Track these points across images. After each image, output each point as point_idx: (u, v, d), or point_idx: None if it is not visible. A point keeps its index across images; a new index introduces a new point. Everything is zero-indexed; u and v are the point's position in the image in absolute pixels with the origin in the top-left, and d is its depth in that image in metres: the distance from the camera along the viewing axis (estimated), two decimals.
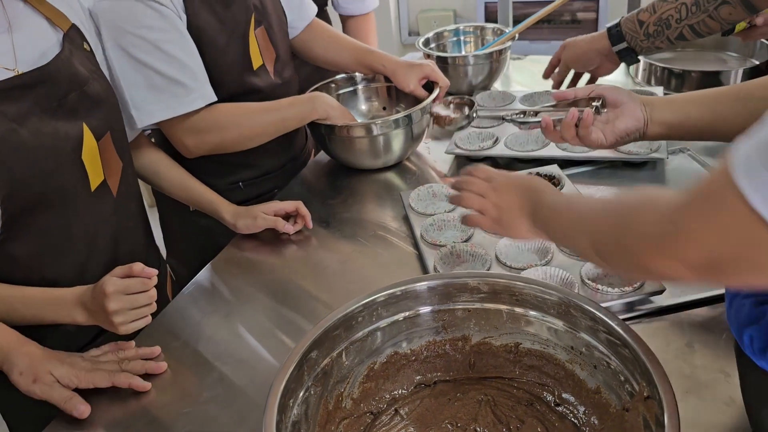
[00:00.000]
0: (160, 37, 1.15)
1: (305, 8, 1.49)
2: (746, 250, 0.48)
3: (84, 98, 0.98)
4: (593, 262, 0.83)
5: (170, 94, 1.17)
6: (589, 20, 2.99)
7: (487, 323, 0.79)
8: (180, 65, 1.17)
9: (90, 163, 0.99)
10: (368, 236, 1.21)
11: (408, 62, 1.47)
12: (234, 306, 1.08)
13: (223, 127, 1.26)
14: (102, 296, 0.88)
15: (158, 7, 1.14)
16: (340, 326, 0.75)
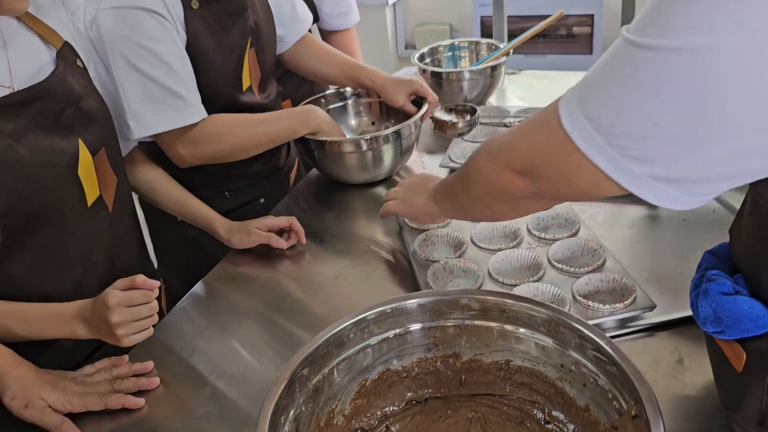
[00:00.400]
0: (163, 49, 1.17)
1: (299, 23, 1.51)
2: (554, 158, 0.63)
3: (79, 114, 0.99)
4: (471, 212, 0.93)
5: (170, 106, 1.19)
6: (584, 35, 3.01)
7: (477, 340, 0.80)
8: (180, 79, 1.19)
9: (86, 178, 0.99)
10: (361, 251, 1.22)
11: (396, 78, 1.49)
12: (228, 320, 1.08)
13: (219, 138, 1.27)
14: (104, 309, 0.88)
15: (161, 19, 1.16)
16: (332, 343, 0.76)
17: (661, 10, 0.51)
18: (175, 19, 1.18)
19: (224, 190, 1.41)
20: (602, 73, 0.57)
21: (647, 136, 0.54)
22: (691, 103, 0.50)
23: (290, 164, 1.58)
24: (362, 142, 1.36)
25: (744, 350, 0.63)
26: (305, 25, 1.52)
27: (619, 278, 0.99)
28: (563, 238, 1.11)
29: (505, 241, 1.15)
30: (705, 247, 1.08)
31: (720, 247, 0.74)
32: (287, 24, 1.47)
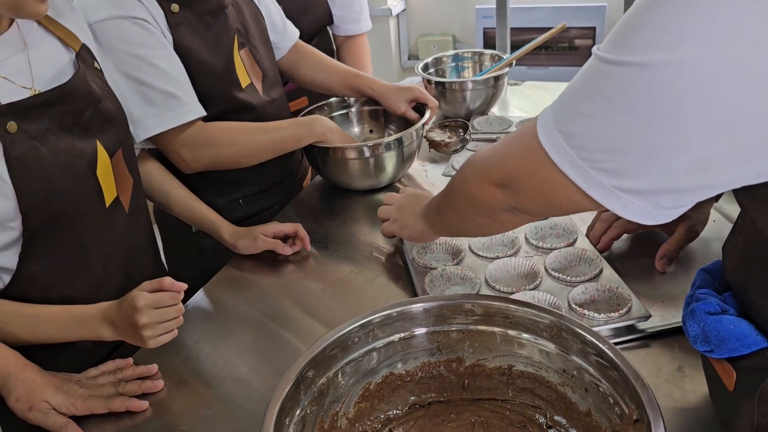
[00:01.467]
0: (150, 53, 1.19)
1: (288, 31, 1.53)
2: (530, 172, 0.65)
3: (97, 116, 1.01)
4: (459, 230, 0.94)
5: (165, 107, 1.20)
6: (585, 47, 3.03)
7: (481, 345, 0.81)
8: (171, 79, 1.21)
9: (104, 179, 1.01)
10: (364, 258, 1.23)
11: (396, 85, 1.51)
12: (232, 324, 1.09)
13: (219, 143, 1.28)
14: (132, 310, 0.89)
15: (145, 24, 1.18)
16: (337, 346, 0.76)
17: (628, 28, 0.54)
18: (159, 24, 1.21)
19: (238, 198, 1.42)
20: (574, 88, 0.60)
21: (614, 149, 0.56)
22: (651, 115, 0.52)
23: (304, 172, 1.59)
24: (365, 149, 1.37)
25: (734, 369, 0.64)
26: (294, 34, 1.55)
27: (614, 288, 1.00)
28: (561, 247, 1.12)
29: (503, 249, 1.16)
30: (705, 258, 1.10)
31: (714, 265, 0.74)
32: (278, 30, 1.50)
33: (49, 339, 0.95)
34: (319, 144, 1.36)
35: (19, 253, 0.93)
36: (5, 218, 0.89)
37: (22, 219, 0.90)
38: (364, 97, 1.56)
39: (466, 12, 3.23)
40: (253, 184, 1.43)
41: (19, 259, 0.93)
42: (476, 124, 1.65)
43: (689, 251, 1.12)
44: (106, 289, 1.04)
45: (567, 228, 1.18)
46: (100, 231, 1.02)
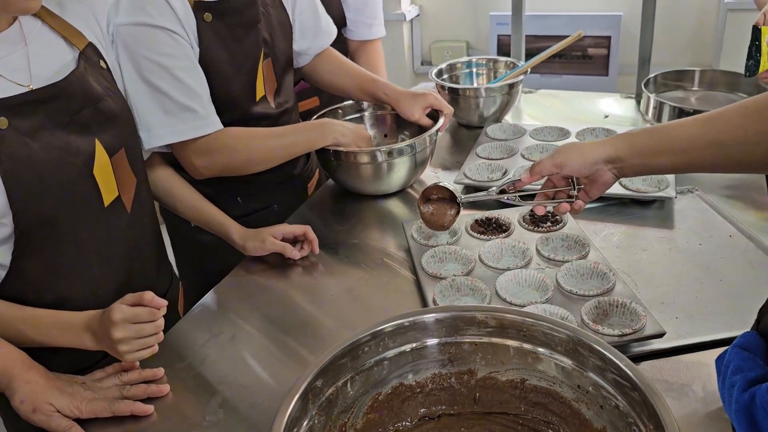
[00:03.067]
0: (176, 64, 1.18)
1: (321, 37, 1.51)
2: None
3: (97, 114, 1.00)
4: None
5: (180, 119, 1.20)
6: (600, 56, 3.01)
7: (493, 358, 0.79)
8: (191, 92, 1.20)
9: (102, 178, 1.00)
10: (374, 264, 1.21)
11: (411, 92, 1.50)
12: (239, 329, 1.08)
13: (233, 150, 1.27)
14: (109, 323, 0.88)
15: (175, 36, 1.17)
16: (347, 355, 0.75)
17: None
18: (189, 34, 1.20)
19: (236, 195, 1.41)
20: None
21: None
22: None
23: (309, 173, 1.58)
24: (378, 154, 1.36)
25: None
26: (328, 38, 1.53)
27: (628, 303, 0.98)
28: (573, 260, 1.11)
29: (514, 261, 1.14)
30: (721, 273, 1.08)
31: (746, 338, 0.69)
32: (309, 37, 1.48)
33: (33, 343, 0.94)
34: (331, 147, 1.35)
35: (11, 251, 0.92)
36: None
37: (12, 215, 0.89)
38: (378, 102, 1.55)
39: (480, 18, 3.22)
40: (252, 182, 1.42)
41: (12, 256, 0.92)
42: (489, 132, 1.63)
43: (702, 266, 1.10)
44: (105, 289, 1.03)
45: (579, 240, 1.16)
46: (98, 230, 1.00)
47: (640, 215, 1.27)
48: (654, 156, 0.95)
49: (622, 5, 2.91)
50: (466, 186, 1.42)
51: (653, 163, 0.96)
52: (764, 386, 0.60)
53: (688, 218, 1.25)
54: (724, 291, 1.05)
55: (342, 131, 1.35)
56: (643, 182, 1.32)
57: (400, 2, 3.18)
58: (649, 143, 0.95)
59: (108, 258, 1.03)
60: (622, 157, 0.98)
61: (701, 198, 1.30)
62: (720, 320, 0.98)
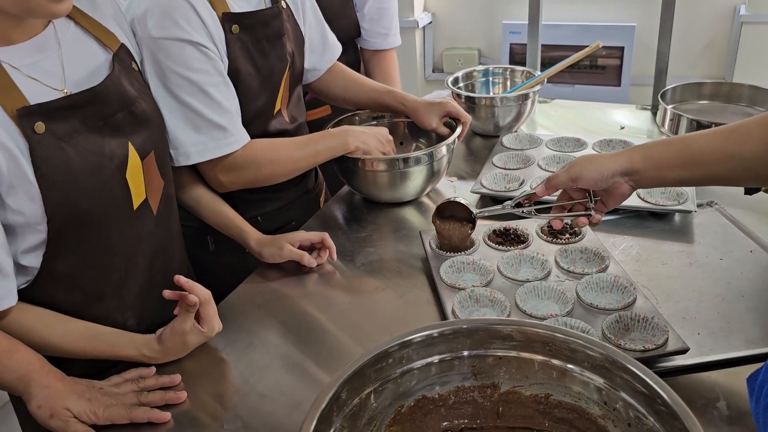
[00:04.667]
0: (206, 79, 1.16)
1: (329, 51, 1.51)
2: None
3: (130, 117, 0.99)
4: None
5: (210, 137, 1.18)
6: (613, 66, 3.01)
7: (517, 372, 0.78)
8: (221, 109, 1.18)
9: (133, 181, 0.99)
10: (392, 273, 1.21)
11: (428, 101, 1.49)
12: (256, 336, 1.07)
13: (259, 164, 1.26)
14: None
15: (206, 51, 1.15)
16: (373, 365, 0.74)
17: None
18: (219, 48, 1.18)
19: (257, 216, 1.40)
20: None
21: None
22: None
23: (319, 188, 1.58)
24: (395, 162, 1.35)
25: None
26: (335, 53, 1.53)
27: (650, 317, 0.97)
28: (592, 273, 1.10)
29: (533, 272, 1.13)
30: (742, 289, 1.07)
31: None
32: (318, 52, 1.48)
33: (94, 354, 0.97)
34: (350, 154, 1.34)
35: (42, 254, 0.92)
36: (33, 221, 0.88)
37: (47, 220, 0.89)
38: (395, 112, 1.54)
39: (493, 27, 3.22)
40: (272, 201, 1.42)
41: (43, 258, 0.92)
42: (505, 142, 1.63)
43: (723, 281, 1.09)
44: (129, 289, 1.03)
45: (598, 253, 1.15)
46: (125, 232, 1.00)
47: (659, 228, 1.27)
48: (671, 169, 0.94)
49: (636, 16, 2.91)
50: (482, 196, 1.42)
51: (670, 176, 0.95)
52: None
53: (707, 232, 1.24)
54: (746, 307, 1.04)
55: (363, 139, 1.35)
56: (662, 195, 1.31)
57: (414, 9, 3.18)
58: (666, 156, 0.94)
59: (134, 260, 1.03)
60: (639, 170, 0.97)
61: (721, 212, 1.29)
62: (743, 337, 0.97)
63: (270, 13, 1.26)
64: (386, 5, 1.80)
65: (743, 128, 0.88)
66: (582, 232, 1.22)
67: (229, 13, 1.19)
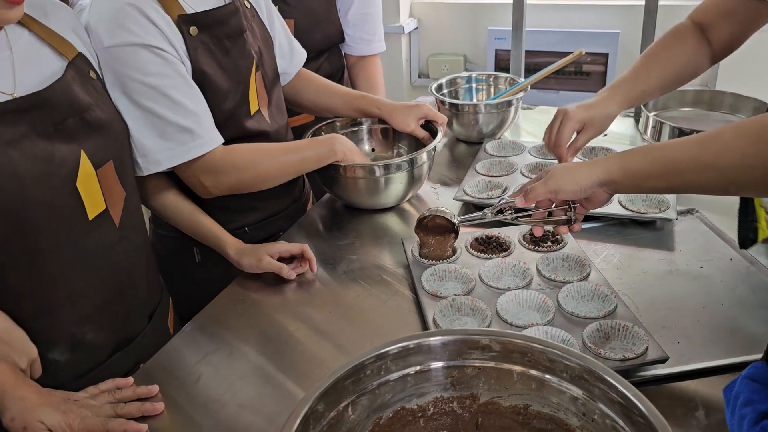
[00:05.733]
0: (166, 83, 1.14)
1: (296, 55, 1.51)
2: None
3: (83, 125, 0.97)
4: None
5: (177, 141, 1.16)
6: (597, 72, 3.02)
7: (496, 383, 0.78)
8: (186, 111, 1.16)
9: (87, 191, 0.97)
10: (373, 281, 1.20)
11: (404, 104, 1.50)
12: (235, 347, 1.06)
13: (241, 168, 1.25)
14: None
15: (162, 53, 1.13)
16: (349, 377, 0.73)
17: None
18: (178, 50, 1.16)
19: (244, 226, 1.39)
20: None
21: None
22: None
23: (306, 197, 1.57)
24: (376, 169, 1.35)
25: None
26: (302, 58, 1.53)
27: (630, 326, 0.97)
28: (573, 281, 1.10)
29: (514, 280, 1.13)
30: (722, 297, 1.07)
31: (755, 370, 0.67)
32: (286, 56, 1.48)
33: None
34: (336, 162, 1.34)
35: None
36: None
37: None
38: (371, 117, 1.54)
39: (478, 33, 3.23)
40: (259, 211, 1.40)
41: None
42: (489, 148, 1.63)
43: (703, 289, 1.10)
44: (88, 302, 1.01)
45: (579, 261, 1.15)
46: (81, 243, 0.98)
47: (641, 236, 1.27)
48: (648, 179, 0.94)
49: (620, 23, 2.92)
50: (465, 203, 1.41)
51: (647, 185, 0.96)
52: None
53: (688, 240, 1.24)
54: (725, 316, 1.04)
55: (349, 147, 1.34)
56: (644, 203, 1.32)
57: (399, 15, 3.18)
58: (643, 166, 0.95)
59: (93, 271, 1.01)
60: (616, 180, 0.97)
61: (701, 220, 1.30)
62: (722, 346, 0.97)
63: (227, 11, 1.24)
64: (370, 11, 1.80)
65: (718, 137, 0.88)
66: (564, 240, 1.22)
67: (185, 15, 1.17)
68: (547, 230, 1.24)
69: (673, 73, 1.29)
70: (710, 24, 1.26)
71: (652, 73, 1.29)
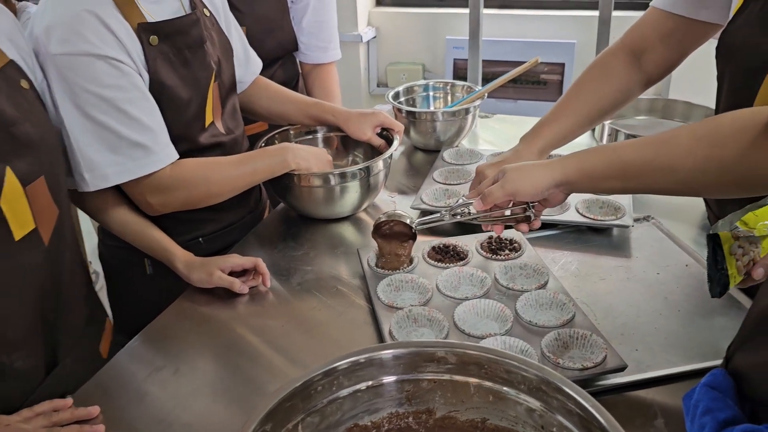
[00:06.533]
0: (120, 96, 1.09)
1: (251, 64, 1.48)
2: None
3: (10, 140, 0.90)
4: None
5: (128, 156, 1.11)
6: (554, 82, 3.05)
7: (453, 396, 0.75)
8: (140, 127, 1.11)
9: (12, 210, 0.89)
10: (328, 293, 1.17)
11: (359, 111, 1.47)
12: (182, 364, 1.01)
13: (191, 184, 1.20)
14: None
15: (119, 65, 1.08)
16: (297, 395, 0.70)
17: None
18: (136, 61, 1.11)
19: (198, 237, 1.34)
20: None
21: None
22: None
23: (263, 206, 1.53)
24: (330, 177, 1.32)
25: None
26: (258, 66, 1.50)
27: (588, 335, 0.96)
28: (531, 289, 1.08)
29: (472, 290, 1.11)
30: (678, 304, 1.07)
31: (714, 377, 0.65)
32: (242, 64, 1.44)
33: None
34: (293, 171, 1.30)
35: None
36: None
37: None
38: (326, 125, 1.51)
39: (436, 42, 3.24)
40: (214, 221, 1.36)
41: None
42: (446, 156, 1.61)
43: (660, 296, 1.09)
44: (13, 328, 0.93)
45: (537, 269, 1.14)
46: (5, 265, 0.90)
47: (597, 243, 1.26)
48: (604, 180, 0.95)
49: (576, 33, 2.96)
50: (422, 211, 1.39)
51: (604, 186, 0.96)
52: (737, 429, 0.57)
53: (645, 247, 1.24)
54: (682, 322, 1.04)
55: (304, 156, 1.30)
56: (600, 210, 1.31)
57: (357, 24, 3.17)
58: (600, 167, 0.95)
59: (18, 295, 0.93)
60: (573, 181, 0.98)
61: (657, 226, 1.30)
62: (680, 353, 0.97)
63: (188, 21, 1.20)
64: (325, 18, 1.77)
65: (672, 140, 0.88)
66: (522, 248, 1.20)
67: (145, 23, 1.12)
68: (504, 238, 1.23)
69: (598, 107, 1.25)
70: (647, 48, 1.22)
71: (575, 111, 1.25)
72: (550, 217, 1.29)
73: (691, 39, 1.18)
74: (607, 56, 1.27)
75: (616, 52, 1.25)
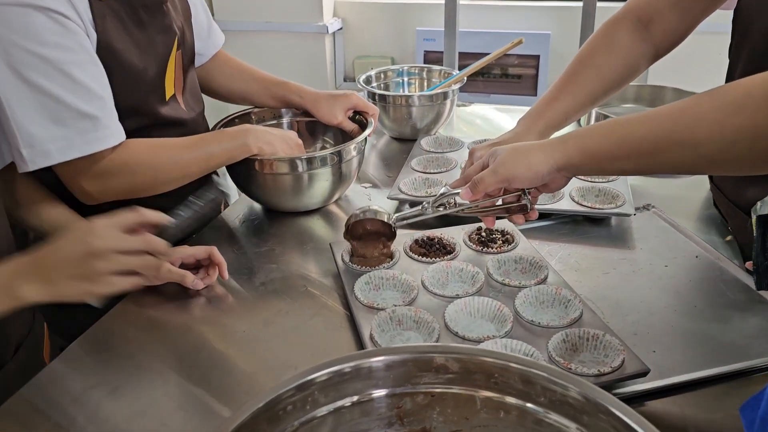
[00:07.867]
0: (66, 57, 0.93)
1: (213, 36, 1.34)
2: None
3: None
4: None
5: (75, 129, 0.95)
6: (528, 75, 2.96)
7: (454, 412, 0.61)
8: (90, 94, 0.96)
9: None
10: (296, 293, 1.02)
11: (330, 93, 1.34)
12: (126, 377, 0.85)
13: (135, 170, 1.05)
14: None
15: (64, 20, 0.92)
16: (261, 417, 0.55)
17: None
18: (82, 16, 0.95)
19: None
20: None
21: None
22: None
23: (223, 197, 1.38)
24: (298, 163, 1.17)
25: None
26: (220, 39, 1.36)
27: (600, 335, 0.83)
28: (530, 285, 0.95)
29: (463, 286, 0.98)
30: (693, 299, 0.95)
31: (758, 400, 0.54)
32: (203, 35, 1.30)
33: None
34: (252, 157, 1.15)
35: None
36: None
37: None
38: (291, 107, 1.37)
39: (406, 33, 3.13)
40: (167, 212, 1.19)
41: None
42: (424, 144, 1.48)
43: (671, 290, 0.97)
44: None
45: (534, 262, 1.01)
46: None
47: (597, 234, 1.14)
48: (614, 161, 0.84)
49: (551, 24, 2.87)
50: (401, 201, 1.26)
51: (612, 167, 0.86)
52: None
53: (648, 237, 1.13)
54: (699, 319, 0.92)
55: (268, 139, 1.15)
56: (597, 198, 1.20)
57: (323, 14, 3.03)
58: (607, 147, 0.84)
59: None
60: (577, 164, 0.87)
61: (659, 215, 1.19)
62: (702, 353, 0.85)
63: None
64: None
65: (692, 110, 0.77)
66: (515, 240, 1.07)
67: None
68: (495, 229, 1.10)
69: (603, 84, 1.14)
70: (655, 14, 1.12)
71: (577, 88, 1.14)
72: (543, 206, 1.17)
73: (702, 6, 1.07)
74: (611, 26, 1.15)
75: (620, 20, 1.14)
